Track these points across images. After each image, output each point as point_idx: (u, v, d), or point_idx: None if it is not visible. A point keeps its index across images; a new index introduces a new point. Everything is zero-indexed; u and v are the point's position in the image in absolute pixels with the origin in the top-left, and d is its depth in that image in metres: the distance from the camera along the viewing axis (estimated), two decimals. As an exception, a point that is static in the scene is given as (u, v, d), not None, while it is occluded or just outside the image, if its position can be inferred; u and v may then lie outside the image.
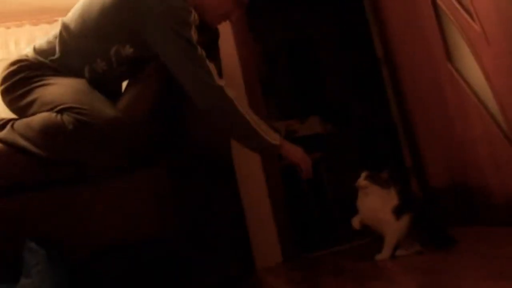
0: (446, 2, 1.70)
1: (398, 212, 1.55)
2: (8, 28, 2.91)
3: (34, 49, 1.40)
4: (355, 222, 1.63)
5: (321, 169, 2.98)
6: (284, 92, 4.45)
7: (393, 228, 1.55)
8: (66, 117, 1.19)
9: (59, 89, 1.27)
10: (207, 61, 1.35)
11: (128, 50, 1.38)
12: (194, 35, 1.33)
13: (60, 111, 1.21)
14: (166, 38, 1.31)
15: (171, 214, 1.44)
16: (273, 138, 1.41)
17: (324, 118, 3.78)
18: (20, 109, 1.35)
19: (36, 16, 3.34)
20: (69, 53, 1.38)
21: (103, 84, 1.41)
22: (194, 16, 1.35)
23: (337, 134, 3.92)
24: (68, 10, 1.48)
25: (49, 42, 1.40)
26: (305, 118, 3.60)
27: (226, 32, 1.84)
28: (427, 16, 1.82)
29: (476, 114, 1.68)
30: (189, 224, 1.48)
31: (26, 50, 1.44)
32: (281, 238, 2.00)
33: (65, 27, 1.39)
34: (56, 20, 3.29)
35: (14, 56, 1.47)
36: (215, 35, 1.60)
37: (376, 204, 1.59)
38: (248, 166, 2.02)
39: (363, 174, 1.63)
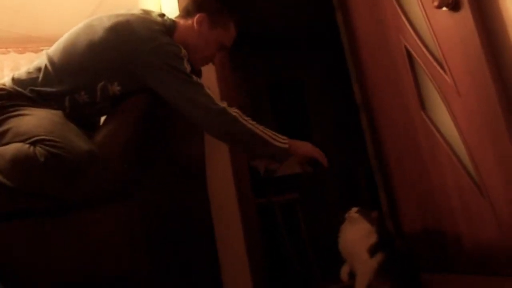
0: (420, 54, 1.78)
1: (373, 250, 1.57)
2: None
3: (13, 79, 1.40)
4: (344, 275, 1.63)
5: (297, 210, 2.98)
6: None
7: (365, 265, 1.56)
8: (39, 149, 1.18)
9: (34, 120, 1.26)
10: (205, 87, 1.39)
11: (116, 87, 1.39)
12: (187, 66, 1.37)
13: (33, 143, 1.19)
14: (161, 74, 1.34)
15: (144, 250, 1.41)
16: (282, 142, 1.49)
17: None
18: None
19: (23, 44, 3.36)
20: (52, 85, 1.38)
21: (81, 116, 1.41)
22: (183, 51, 1.39)
23: (316, 176, 3.94)
24: (55, 40, 1.49)
25: (28, 73, 1.40)
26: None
27: (208, 68, 1.85)
28: (402, 66, 1.89)
29: (448, 163, 1.72)
30: (161, 262, 1.45)
31: (4, 79, 1.44)
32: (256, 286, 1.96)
33: (49, 59, 1.40)
34: (42, 50, 3.31)
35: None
36: (198, 74, 1.64)
37: (356, 237, 1.62)
38: (225, 208, 2.00)
39: (354, 209, 1.67)
